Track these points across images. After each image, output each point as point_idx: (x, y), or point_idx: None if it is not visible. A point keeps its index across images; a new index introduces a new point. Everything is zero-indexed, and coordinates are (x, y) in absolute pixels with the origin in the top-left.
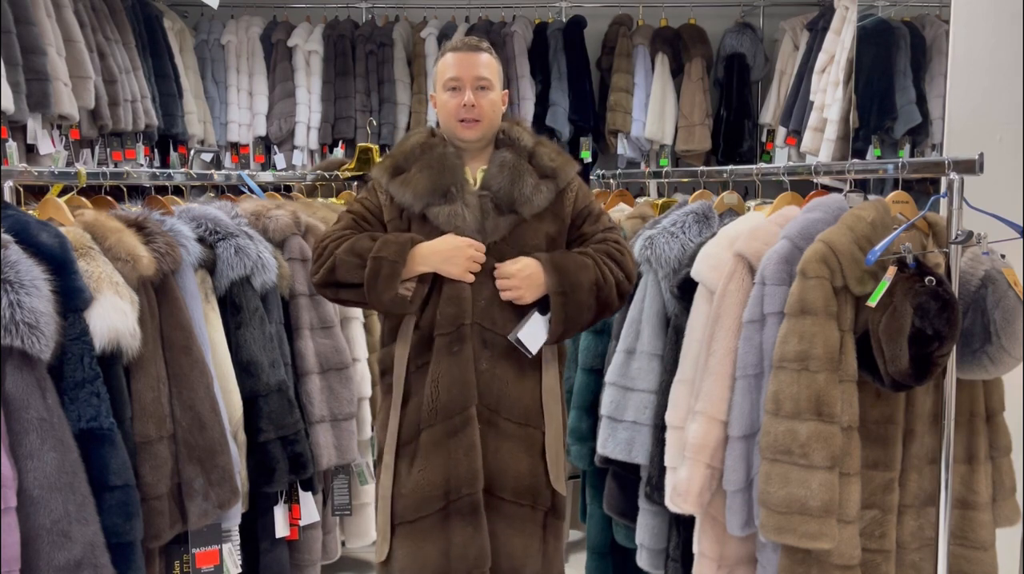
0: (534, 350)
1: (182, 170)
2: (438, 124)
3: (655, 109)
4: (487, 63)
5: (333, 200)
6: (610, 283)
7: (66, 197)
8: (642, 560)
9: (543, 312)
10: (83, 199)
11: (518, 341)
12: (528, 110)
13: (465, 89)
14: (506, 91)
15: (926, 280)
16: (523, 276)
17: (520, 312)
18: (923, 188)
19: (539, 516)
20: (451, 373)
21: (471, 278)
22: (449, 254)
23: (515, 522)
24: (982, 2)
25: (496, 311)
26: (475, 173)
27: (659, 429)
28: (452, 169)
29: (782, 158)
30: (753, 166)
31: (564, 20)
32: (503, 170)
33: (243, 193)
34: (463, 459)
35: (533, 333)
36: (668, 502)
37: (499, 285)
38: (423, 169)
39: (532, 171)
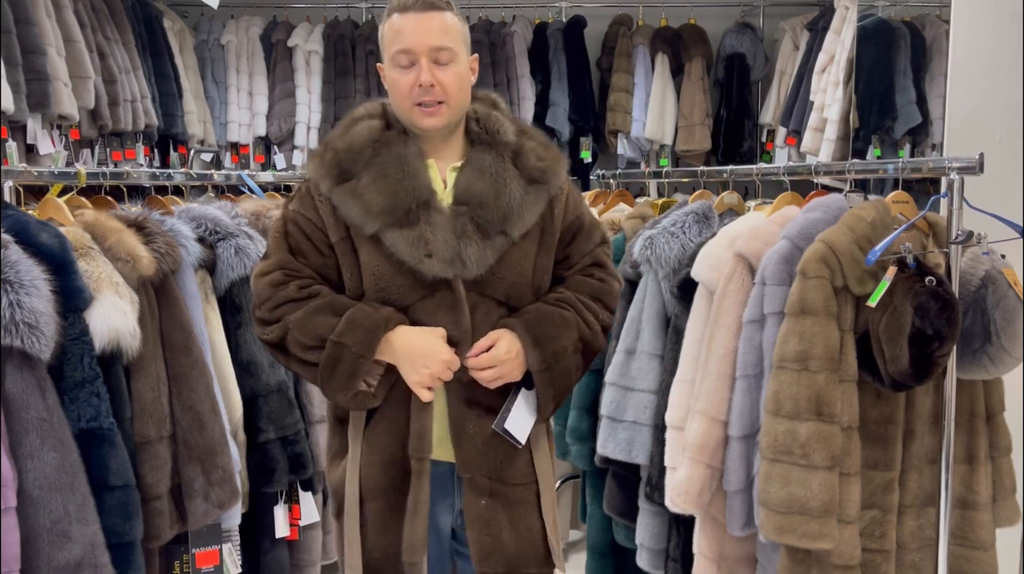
0: (523, 438)
1: (182, 170)
2: None
3: (655, 109)
4: (448, 25)
5: None
6: (595, 331)
7: (66, 197)
8: (642, 560)
9: (528, 387)
10: (83, 199)
11: (505, 431)
12: (528, 110)
13: (420, 63)
14: (475, 56)
15: (926, 280)
16: (510, 360)
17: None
18: (923, 188)
19: None
20: (413, 416)
21: (426, 395)
22: (416, 361)
23: None
24: (982, 2)
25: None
26: (444, 174)
27: (659, 429)
28: (414, 176)
29: (782, 158)
30: (753, 166)
31: (564, 20)
32: (484, 177)
33: (243, 193)
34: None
35: (520, 417)
36: (668, 502)
37: (482, 377)
38: (377, 177)
39: (518, 176)
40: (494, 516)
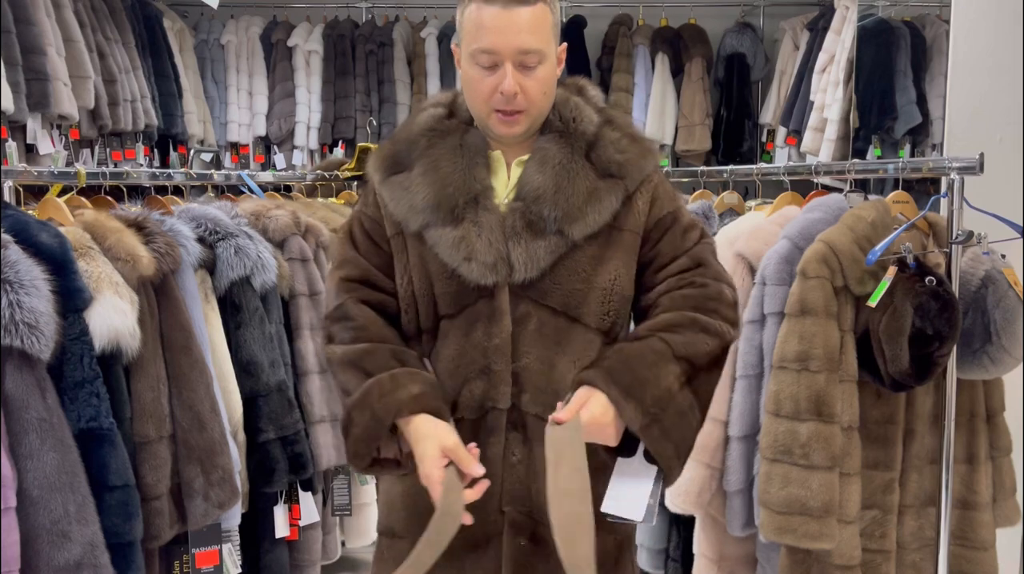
0: (641, 515)
1: (182, 170)
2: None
3: (655, 109)
4: (538, 21)
5: (333, 200)
6: (703, 352)
7: (66, 197)
8: (642, 560)
9: (628, 453)
10: (83, 199)
11: (612, 517)
12: None
13: (504, 68)
14: (564, 45)
15: (926, 280)
16: (603, 426)
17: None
18: (923, 188)
19: None
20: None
21: (430, 487)
22: (421, 457)
23: None
24: (982, 2)
25: (543, 381)
26: (511, 168)
27: None
28: (468, 170)
29: (782, 158)
30: (753, 166)
31: (564, 20)
32: (545, 169)
33: (243, 193)
34: None
35: (625, 490)
36: (668, 502)
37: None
38: (428, 169)
39: (590, 169)
40: (531, 563)
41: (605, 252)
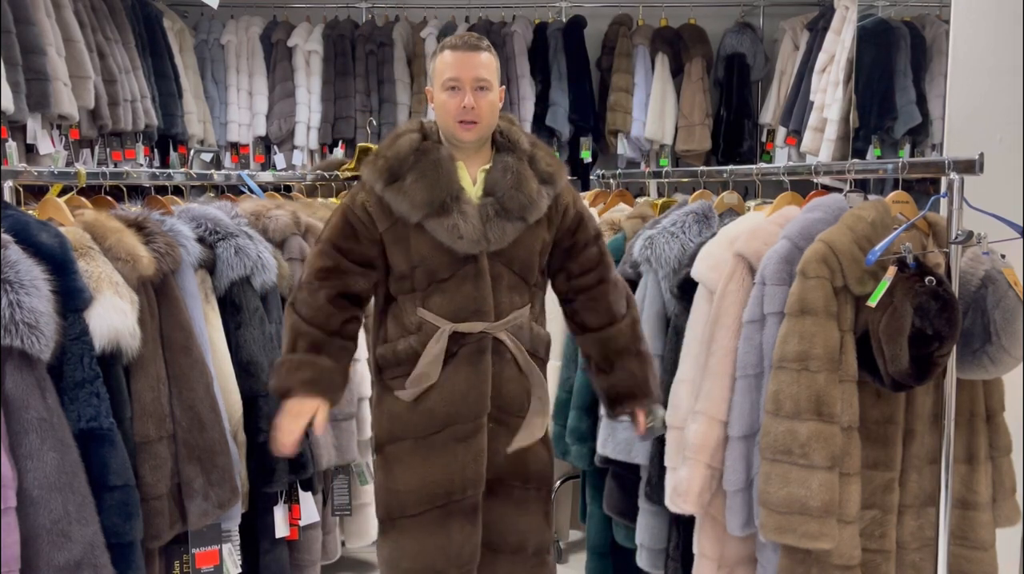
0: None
1: (182, 170)
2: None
3: (655, 109)
4: (487, 63)
5: (333, 200)
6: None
7: (66, 197)
8: (642, 560)
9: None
10: (83, 199)
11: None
12: (528, 110)
13: (465, 90)
14: (503, 87)
15: (926, 280)
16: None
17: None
18: (923, 188)
19: (543, 494)
20: (468, 382)
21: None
22: (279, 424)
23: (523, 504)
24: (982, 2)
25: (508, 317)
26: (474, 174)
27: None
28: (448, 176)
29: (782, 158)
30: (753, 166)
31: (564, 20)
32: (507, 174)
33: (243, 193)
34: (471, 464)
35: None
36: (668, 502)
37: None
38: (419, 178)
39: (534, 176)
40: (496, 436)
41: (541, 233)
